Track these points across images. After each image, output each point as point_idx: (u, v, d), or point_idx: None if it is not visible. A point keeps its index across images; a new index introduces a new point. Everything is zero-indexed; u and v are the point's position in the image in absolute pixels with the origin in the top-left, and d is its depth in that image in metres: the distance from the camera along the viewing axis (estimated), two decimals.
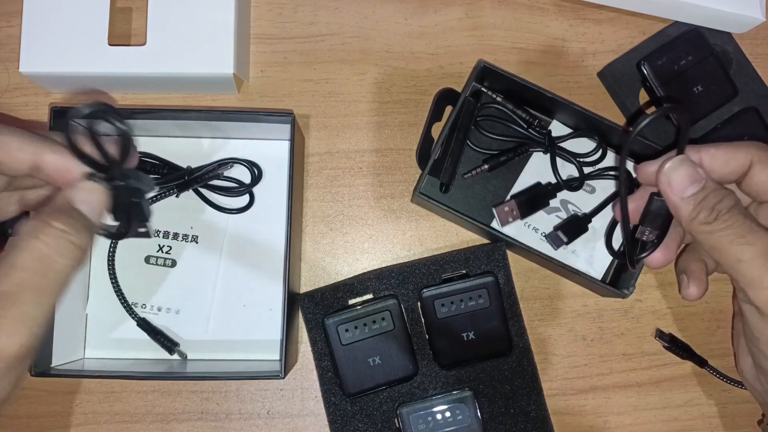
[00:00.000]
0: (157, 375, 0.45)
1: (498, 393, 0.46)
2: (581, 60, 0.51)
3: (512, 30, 0.51)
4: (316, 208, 0.49)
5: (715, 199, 0.36)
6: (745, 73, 0.50)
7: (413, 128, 0.50)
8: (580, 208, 0.48)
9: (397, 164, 0.50)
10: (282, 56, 0.50)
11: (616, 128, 0.45)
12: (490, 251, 0.46)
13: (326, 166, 0.50)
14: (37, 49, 0.45)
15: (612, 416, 0.49)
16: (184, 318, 0.47)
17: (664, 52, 0.49)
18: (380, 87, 0.50)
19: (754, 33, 0.50)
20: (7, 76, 0.49)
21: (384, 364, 0.45)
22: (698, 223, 0.36)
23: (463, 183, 0.49)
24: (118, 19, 0.49)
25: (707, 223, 0.36)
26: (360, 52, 0.50)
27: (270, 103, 0.50)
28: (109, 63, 0.46)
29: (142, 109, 0.45)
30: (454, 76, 0.50)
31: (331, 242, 0.49)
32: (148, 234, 0.36)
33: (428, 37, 0.51)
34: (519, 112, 0.48)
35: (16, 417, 0.47)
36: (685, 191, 0.36)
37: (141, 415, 0.47)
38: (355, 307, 0.45)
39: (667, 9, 0.48)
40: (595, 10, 0.51)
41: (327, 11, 0.51)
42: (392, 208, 0.50)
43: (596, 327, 0.49)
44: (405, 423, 0.45)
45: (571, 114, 0.47)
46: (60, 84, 0.48)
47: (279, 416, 0.48)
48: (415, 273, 0.46)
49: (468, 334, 0.45)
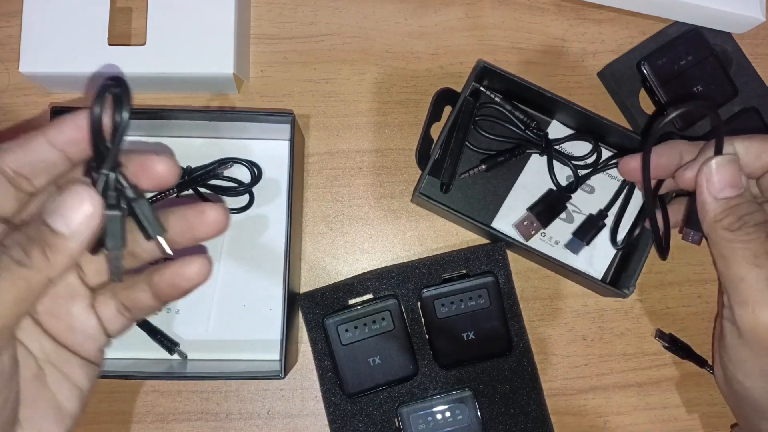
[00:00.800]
0: (157, 375, 0.45)
1: (498, 393, 0.46)
2: (581, 60, 0.51)
3: (512, 30, 0.51)
4: (316, 208, 0.49)
5: (747, 209, 0.35)
6: (745, 73, 0.50)
7: (413, 128, 0.50)
8: (580, 209, 0.48)
9: (397, 164, 0.50)
10: (282, 56, 0.50)
11: (615, 128, 0.46)
12: (490, 251, 0.46)
13: (326, 166, 0.50)
14: (36, 49, 0.45)
15: (612, 416, 0.49)
16: (184, 318, 0.47)
17: (664, 52, 0.49)
18: (380, 87, 0.50)
19: (754, 33, 0.50)
20: (7, 76, 0.49)
21: (384, 364, 0.45)
22: (721, 227, 0.35)
23: (463, 183, 0.49)
24: (118, 19, 0.49)
25: (730, 230, 0.35)
26: (360, 52, 0.50)
27: (270, 103, 0.50)
28: (109, 63, 0.46)
29: (142, 109, 0.45)
30: (454, 76, 0.50)
31: (331, 242, 0.49)
32: (119, 275, 0.29)
33: (428, 37, 0.51)
34: (517, 113, 0.48)
35: None
36: (721, 191, 0.35)
37: (141, 414, 0.47)
38: (355, 307, 0.45)
39: (667, 9, 0.48)
40: (595, 10, 0.51)
41: (327, 11, 0.51)
42: (392, 208, 0.50)
43: (596, 327, 0.49)
44: (405, 423, 0.45)
45: (570, 114, 0.47)
46: (60, 84, 0.48)
47: (279, 416, 0.48)
48: (415, 273, 0.46)
49: (468, 334, 0.45)
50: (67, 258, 0.27)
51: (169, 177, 0.30)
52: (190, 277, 0.30)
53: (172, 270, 0.30)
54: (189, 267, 0.30)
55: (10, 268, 0.26)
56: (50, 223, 0.27)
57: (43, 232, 0.27)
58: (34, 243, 0.26)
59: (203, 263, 0.30)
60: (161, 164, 0.29)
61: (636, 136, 0.46)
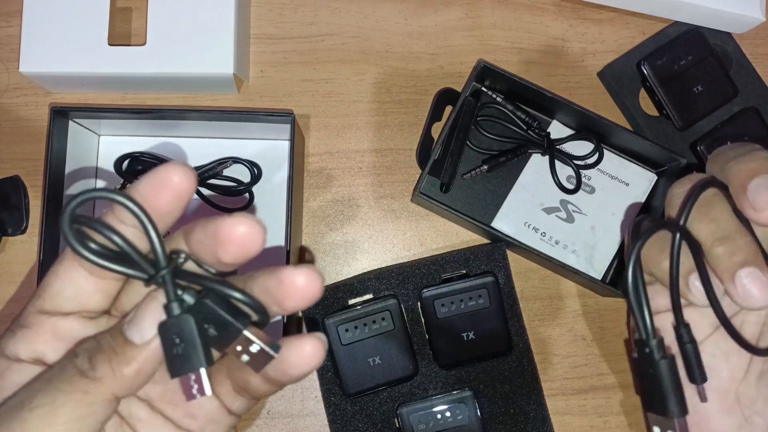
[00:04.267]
0: None
1: (498, 393, 0.46)
2: (581, 60, 0.51)
3: (512, 30, 0.51)
4: (316, 208, 0.49)
5: None
6: (745, 73, 0.50)
7: (413, 128, 0.50)
8: (580, 209, 0.48)
9: (397, 164, 0.50)
10: (282, 56, 0.50)
11: (615, 128, 0.46)
12: (490, 251, 0.46)
13: (326, 166, 0.50)
14: (37, 49, 0.45)
15: (612, 416, 0.49)
16: None
17: (664, 52, 0.49)
18: (380, 87, 0.50)
19: (754, 33, 0.50)
20: (7, 76, 0.49)
21: (384, 364, 0.45)
22: None
23: (463, 183, 0.49)
24: (118, 19, 0.49)
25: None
26: (360, 52, 0.50)
27: (270, 103, 0.50)
28: (109, 63, 0.46)
29: (142, 109, 0.45)
30: (454, 76, 0.50)
31: (331, 242, 0.49)
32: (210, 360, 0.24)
33: (428, 37, 0.51)
34: (518, 113, 0.48)
35: None
36: None
37: None
38: (355, 307, 0.45)
39: (667, 9, 0.48)
40: (595, 10, 0.51)
41: (327, 11, 0.51)
42: (392, 208, 0.50)
43: (596, 327, 0.49)
44: (405, 423, 0.45)
45: (571, 114, 0.47)
46: (60, 84, 0.48)
47: (279, 416, 0.48)
48: (415, 273, 0.46)
49: (468, 334, 0.45)
50: (135, 372, 0.23)
51: (255, 242, 0.24)
52: (298, 364, 0.25)
53: (278, 357, 0.25)
54: (299, 350, 0.25)
55: (71, 380, 0.23)
56: (125, 330, 0.24)
57: (115, 340, 0.24)
58: (101, 352, 0.23)
59: (316, 345, 0.25)
60: (242, 226, 0.24)
61: (636, 136, 0.46)
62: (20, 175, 0.48)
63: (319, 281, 0.24)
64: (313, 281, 0.24)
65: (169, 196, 0.24)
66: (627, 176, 0.48)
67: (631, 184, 0.48)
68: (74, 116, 0.45)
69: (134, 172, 0.47)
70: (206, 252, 0.24)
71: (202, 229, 0.24)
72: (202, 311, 0.24)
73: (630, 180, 0.48)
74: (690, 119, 0.49)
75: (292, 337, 0.25)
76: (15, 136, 0.49)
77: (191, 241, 0.25)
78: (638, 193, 0.48)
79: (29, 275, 0.47)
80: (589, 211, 0.48)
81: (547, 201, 0.48)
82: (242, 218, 0.23)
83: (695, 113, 0.49)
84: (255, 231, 0.24)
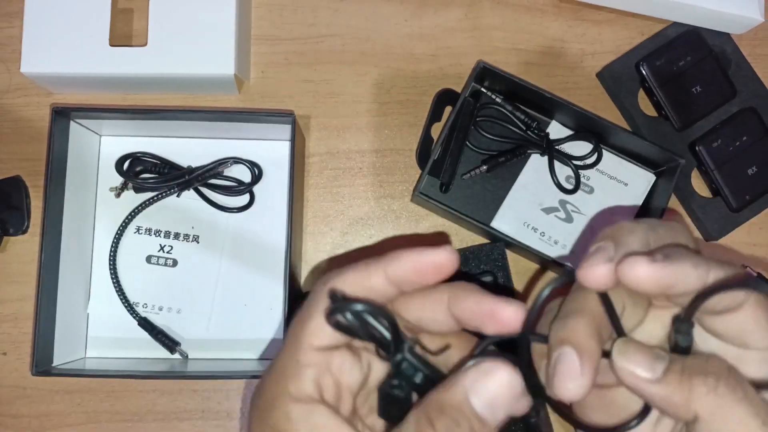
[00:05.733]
0: (159, 374, 0.45)
1: None
2: (580, 61, 0.51)
3: (511, 31, 0.51)
4: (317, 208, 0.49)
5: None
6: (744, 74, 0.50)
7: (413, 128, 0.50)
8: (579, 209, 0.48)
9: (397, 164, 0.50)
10: (282, 57, 0.50)
11: (614, 128, 0.46)
12: (489, 251, 0.46)
13: (327, 166, 0.50)
14: (38, 49, 0.46)
15: None
16: (185, 317, 0.48)
17: (663, 53, 0.49)
18: (380, 88, 0.50)
19: (752, 34, 0.50)
20: (9, 77, 0.49)
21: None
22: None
23: (463, 183, 0.49)
24: (119, 20, 0.49)
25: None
26: (360, 53, 0.51)
27: (271, 103, 0.50)
28: (110, 63, 0.46)
29: (143, 109, 0.45)
30: (454, 76, 0.50)
31: (332, 242, 0.49)
32: None
33: (428, 38, 0.51)
34: (518, 114, 0.48)
35: (17, 416, 0.47)
36: None
37: (142, 414, 0.47)
38: None
39: (666, 10, 0.48)
40: (594, 11, 0.51)
41: (327, 12, 0.51)
42: (392, 208, 0.50)
43: None
44: None
45: (570, 114, 0.47)
46: (61, 84, 0.48)
47: None
48: None
49: None
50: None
51: (514, 319, 0.25)
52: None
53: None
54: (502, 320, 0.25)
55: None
56: (473, 401, 0.23)
57: (462, 412, 0.23)
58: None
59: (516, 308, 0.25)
60: (508, 310, 0.24)
61: (634, 136, 0.46)
62: (21, 175, 0.49)
63: (522, 313, 0.25)
64: (519, 313, 0.25)
65: (432, 279, 0.26)
66: (626, 176, 0.48)
67: (630, 184, 0.48)
68: (75, 116, 0.45)
69: (135, 173, 0.47)
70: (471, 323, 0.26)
71: (476, 305, 0.26)
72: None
73: (629, 180, 0.48)
74: (689, 120, 0.49)
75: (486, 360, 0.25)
76: (16, 137, 0.49)
77: (459, 316, 0.26)
78: (637, 193, 0.48)
79: (30, 275, 0.48)
80: (588, 211, 0.48)
81: (547, 201, 0.48)
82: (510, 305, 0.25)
83: (694, 114, 0.49)
84: (517, 310, 0.25)
